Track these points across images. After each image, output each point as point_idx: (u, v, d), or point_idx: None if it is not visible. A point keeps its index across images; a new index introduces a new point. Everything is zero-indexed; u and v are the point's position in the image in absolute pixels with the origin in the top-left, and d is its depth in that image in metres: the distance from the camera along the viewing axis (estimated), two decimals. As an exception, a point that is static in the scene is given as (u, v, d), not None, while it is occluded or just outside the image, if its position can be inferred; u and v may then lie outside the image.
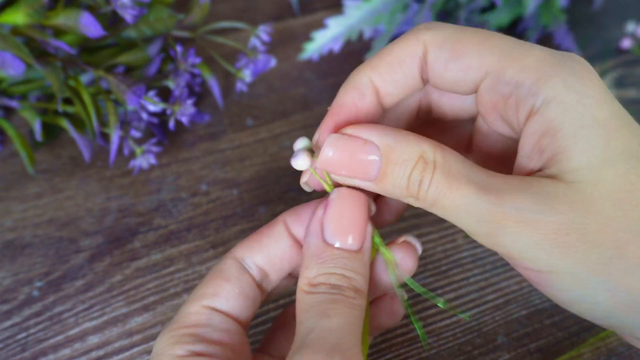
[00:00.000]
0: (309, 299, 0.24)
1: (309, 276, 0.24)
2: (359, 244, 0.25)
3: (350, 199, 0.25)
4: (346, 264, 0.24)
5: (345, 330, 0.23)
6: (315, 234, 0.25)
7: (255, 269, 0.27)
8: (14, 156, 0.43)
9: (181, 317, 0.26)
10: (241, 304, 0.26)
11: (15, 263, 0.38)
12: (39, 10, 0.36)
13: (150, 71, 0.42)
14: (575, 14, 0.53)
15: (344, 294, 0.24)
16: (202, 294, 0.26)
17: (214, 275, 0.26)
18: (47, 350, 0.34)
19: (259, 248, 0.27)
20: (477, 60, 0.24)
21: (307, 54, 0.48)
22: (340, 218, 0.25)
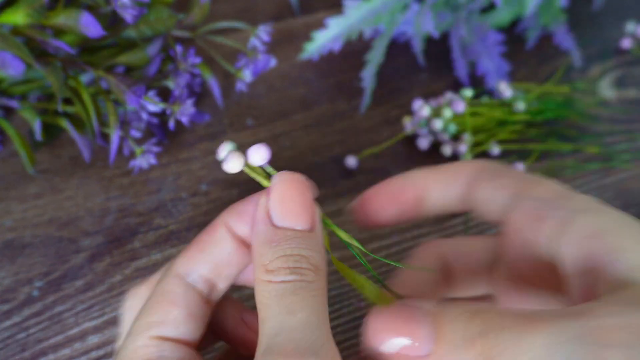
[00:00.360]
0: (269, 290, 0.22)
1: (265, 262, 0.22)
2: (310, 223, 0.23)
3: (292, 180, 0.24)
4: (301, 243, 0.23)
5: (314, 325, 0.21)
6: (263, 221, 0.23)
7: (202, 282, 0.25)
8: (14, 156, 0.43)
9: (129, 353, 0.23)
10: (191, 326, 0.24)
11: (15, 263, 0.38)
12: (39, 10, 0.36)
13: (150, 71, 0.42)
14: (575, 14, 0.53)
15: (305, 278, 0.22)
16: (148, 323, 0.24)
17: (157, 300, 0.24)
18: (47, 350, 0.34)
19: (202, 258, 0.25)
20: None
21: (307, 54, 0.48)
22: (287, 200, 0.23)
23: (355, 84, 0.48)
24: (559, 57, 0.50)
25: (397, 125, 0.45)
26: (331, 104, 0.46)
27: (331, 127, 0.45)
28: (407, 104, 0.46)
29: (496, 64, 0.47)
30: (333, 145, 0.44)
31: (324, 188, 0.41)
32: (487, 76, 0.46)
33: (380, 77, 0.48)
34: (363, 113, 0.46)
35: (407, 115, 0.45)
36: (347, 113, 0.46)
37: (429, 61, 0.49)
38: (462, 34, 0.47)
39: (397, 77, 0.48)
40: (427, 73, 0.49)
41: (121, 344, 0.24)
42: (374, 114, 0.46)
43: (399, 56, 0.50)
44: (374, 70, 0.46)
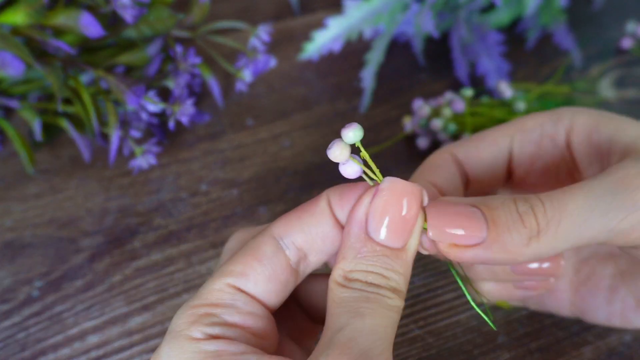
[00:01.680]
0: (341, 292, 0.22)
1: (345, 268, 0.22)
2: (403, 242, 0.23)
3: (402, 190, 0.23)
4: (386, 263, 0.22)
5: (378, 333, 0.21)
6: (357, 224, 0.23)
7: (293, 249, 0.24)
8: (14, 156, 0.43)
9: (203, 293, 0.23)
10: (271, 289, 0.24)
11: (15, 263, 0.38)
12: (39, 10, 0.36)
13: (150, 71, 0.42)
14: (575, 14, 0.53)
15: (380, 293, 0.22)
16: (229, 271, 0.23)
17: (245, 252, 0.24)
18: (46, 350, 0.34)
19: (300, 226, 0.24)
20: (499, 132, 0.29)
21: (307, 54, 0.48)
22: (387, 214, 0.22)
23: (355, 84, 0.48)
24: (559, 57, 0.50)
25: (397, 125, 0.45)
26: (331, 104, 0.46)
27: (331, 127, 0.45)
28: (407, 104, 0.46)
29: (496, 64, 0.47)
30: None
31: (324, 188, 0.41)
32: (487, 76, 0.46)
33: (380, 77, 0.48)
34: (363, 113, 0.46)
35: (407, 115, 0.45)
36: (347, 113, 0.46)
37: (429, 61, 0.49)
38: (462, 34, 0.47)
39: (397, 77, 0.48)
40: (427, 73, 0.49)
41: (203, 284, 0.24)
42: (374, 114, 0.46)
43: (399, 56, 0.50)
44: (374, 70, 0.46)
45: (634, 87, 0.48)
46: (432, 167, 0.28)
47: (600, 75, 0.49)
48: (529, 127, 0.28)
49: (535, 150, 0.28)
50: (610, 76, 0.49)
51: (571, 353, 0.34)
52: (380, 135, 0.44)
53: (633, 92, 0.48)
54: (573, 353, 0.34)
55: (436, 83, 0.48)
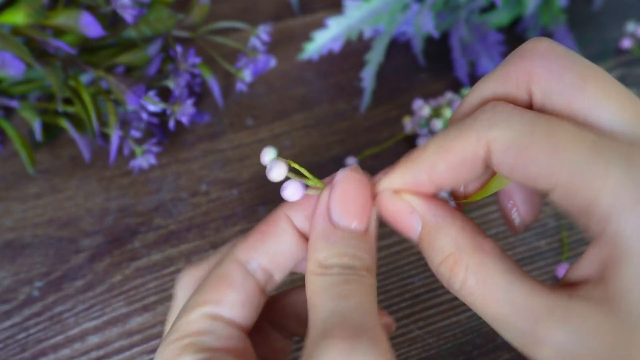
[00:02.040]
0: (321, 281, 0.23)
1: (319, 257, 0.24)
2: (365, 225, 0.24)
3: (355, 180, 0.25)
4: (356, 245, 0.24)
5: (365, 309, 0.22)
6: (322, 216, 0.24)
7: (260, 272, 0.25)
8: (14, 156, 0.43)
9: (181, 326, 0.24)
10: (245, 312, 0.25)
11: (15, 263, 0.38)
12: (39, 10, 0.36)
13: (150, 71, 0.42)
14: (575, 14, 0.53)
15: (357, 273, 0.23)
16: (203, 301, 0.24)
17: (216, 280, 0.25)
18: (47, 350, 0.34)
19: (264, 249, 0.25)
20: (546, 172, 0.21)
21: (307, 54, 0.48)
22: (347, 200, 0.24)
23: (355, 84, 0.48)
24: (559, 57, 0.50)
25: (397, 125, 0.45)
26: (331, 104, 0.46)
27: (331, 127, 0.45)
28: (407, 104, 0.46)
29: (496, 64, 0.47)
30: (333, 145, 0.44)
31: (324, 188, 0.41)
32: (487, 76, 0.46)
33: (380, 77, 0.48)
34: (363, 113, 0.46)
35: (407, 115, 0.45)
36: (347, 113, 0.46)
37: (429, 61, 0.49)
38: (462, 34, 0.47)
39: (397, 77, 0.48)
40: (427, 73, 0.49)
41: (176, 318, 0.25)
42: (374, 114, 0.46)
43: (399, 56, 0.50)
44: (374, 70, 0.46)
45: (634, 87, 0.48)
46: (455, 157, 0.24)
47: (600, 75, 0.49)
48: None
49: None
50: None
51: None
52: (380, 135, 0.44)
53: (633, 92, 0.48)
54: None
55: (436, 83, 0.48)
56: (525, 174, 0.22)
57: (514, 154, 0.21)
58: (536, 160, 0.21)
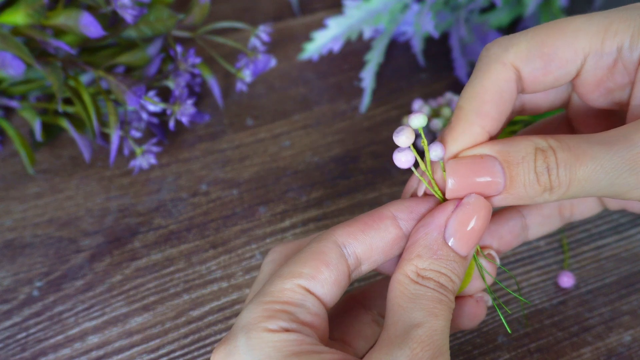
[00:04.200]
0: (414, 288, 0.24)
1: (419, 266, 0.25)
2: (468, 251, 0.25)
3: (482, 208, 0.25)
4: (454, 268, 0.25)
5: (446, 334, 0.24)
6: (438, 229, 0.25)
7: (354, 258, 0.26)
8: (14, 156, 0.43)
9: (275, 291, 0.24)
10: (333, 292, 0.25)
11: (15, 263, 0.38)
12: (39, 10, 0.36)
13: (150, 71, 0.42)
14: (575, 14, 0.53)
15: (448, 296, 0.25)
16: (299, 273, 0.25)
17: (313, 256, 0.25)
18: (47, 350, 0.34)
19: (363, 239, 0.26)
20: (571, 50, 0.25)
21: (307, 54, 0.48)
22: (467, 224, 0.25)
23: (355, 84, 0.48)
24: (559, 57, 0.50)
25: (397, 125, 0.45)
26: (331, 104, 0.46)
27: (331, 127, 0.45)
28: (407, 104, 0.46)
29: (496, 64, 0.47)
30: (333, 145, 0.44)
31: (323, 188, 0.41)
32: (487, 76, 0.46)
33: (380, 77, 0.48)
34: (363, 113, 0.46)
35: (407, 115, 0.45)
36: (347, 113, 0.46)
37: (429, 61, 0.49)
38: (462, 34, 0.47)
39: (397, 77, 0.48)
40: (427, 73, 0.49)
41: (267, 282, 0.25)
42: (374, 114, 0.46)
43: (399, 56, 0.50)
44: (374, 70, 0.46)
45: (633, 87, 0.48)
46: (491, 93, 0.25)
47: (600, 75, 0.49)
48: (606, 50, 0.25)
49: (605, 76, 0.26)
50: (610, 76, 0.49)
51: (570, 354, 0.34)
52: (381, 135, 0.44)
53: (633, 92, 0.48)
54: (572, 354, 0.34)
55: (436, 83, 0.48)
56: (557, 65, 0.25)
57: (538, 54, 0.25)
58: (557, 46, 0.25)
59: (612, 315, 0.35)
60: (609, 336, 0.35)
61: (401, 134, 0.25)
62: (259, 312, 0.24)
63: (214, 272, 0.37)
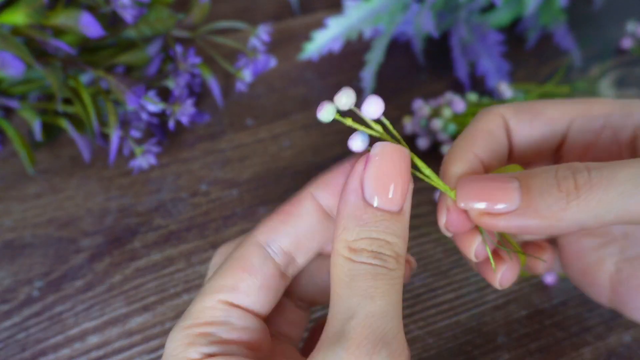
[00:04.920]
0: (348, 267, 0.22)
1: (348, 239, 0.22)
2: (400, 205, 0.22)
3: (393, 153, 0.22)
4: (388, 227, 0.22)
5: (389, 315, 0.21)
6: (354, 192, 0.22)
7: (281, 254, 0.24)
8: (14, 156, 0.43)
9: (195, 312, 0.23)
10: (262, 298, 0.23)
11: (15, 263, 0.38)
12: (39, 10, 0.36)
13: (150, 71, 0.42)
14: (575, 14, 0.53)
15: (386, 265, 0.22)
16: (219, 287, 0.23)
17: (233, 265, 0.23)
18: (47, 350, 0.34)
19: (285, 230, 0.24)
20: (558, 111, 0.26)
21: (307, 54, 0.48)
22: (384, 177, 0.22)
23: (355, 84, 0.48)
24: (559, 57, 0.50)
25: (397, 125, 0.45)
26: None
27: (331, 127, 0.45)
28: (407, 104, 0.46)
29: (496, 64, 0.47)
30: (333, 145, 0.44)
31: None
32: (487, 76, 0.46)
33: (380, 77, 0.48)
34: (363, 113, 0.46)
35: (407, 116, 0.45)
36: (347, 113, 0.46)
37: (429, 61, 0.49)
38: (462, 34, 0.47)
39: (397, 77, 0.48)
40: (427, 73, 0.49)
41: (191, 302, 0.24)
42: (374, 114, 0.46)
43: (399, 56, 0.50)
44: (374, 70, 0.46)
45: (634, 87, 0.48)
46: (482, 132, 0.26)
47: (600, 75, 0.49)
48: (594, 115, 0.25)
49: (593, 140, 0.26)
50: (610, 76, 0.49)
51: (571, 354, 0.34)
52: (380, 135, 0.44)
53: (633, 92, 0.48)
54: (573, 354, 0.34)
55: (436, 83, 0.48)
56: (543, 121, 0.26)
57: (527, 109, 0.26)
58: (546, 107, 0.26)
59: (612, 315, 0.35)
60: (609, 336, 0.35)
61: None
62: (180, 339, 0.22)
63: (214, 272, 0.37)
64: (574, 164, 0.22)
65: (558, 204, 0.21)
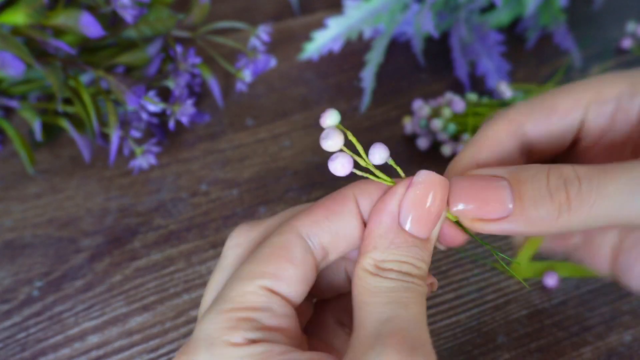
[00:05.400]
0: (376, 282, 0.22)
1: (377, 258, 0.23)
2: (429, 233, 0.23)
3: (437, 185, 0.23)
4: (417, 253, 0.23)
5: (422, 322, 0.22)
6: (390, 214, 0.23)
7: (320, 248, 0.24)
8: (14, 156, 0.43)
9: (236, 297, 0.22)
10: (300, 289, 0.23)
11: (15, 263, 0.38)
12: (39, 10, 0.36)
13: (150, 71, 0.42)
14: (575, 14, 0.53)
15: (415, 282, 0.23)
16: (261, 273, 0.23)
17: (275, 252, 0.23)
18: (46, 350, 0.34)
19: (327, 226, 0.24)
20: (571, 100, 0.25)
21: (307, 54, 0.48)
22: (422, 207, 0.23)
23: (355, 84, 0.48)
24: (559, 57, 0.50)
25: (397, 125, 0.45)
26: (331, 104, 0.46)
27: (331, 127, 0.45)
28: (407, 104, 0.46)
29: (496, 64, 0.47)
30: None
31: (323, 188, 0.41)
32: (487, 76, 0.46)
33: (380, 77, 0.48)
34: (363, 113, 0.46)
35: (407, 116, 0.45)
36: (347, 113, 0.46)
37: (429, 61, 0.49)
38: (462, 34, 0.47)
39: (397, 77, 0.48)
40: (427, 73, 0.49)
41: (227, 284, 0.23)
42: (374, 114, 0.46)
43: (399, 56, 0.50)
44: (374, 70, 0.46)
45: (634, 87, 0.48)
46: (489, 139, 0.26)
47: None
48: (606, 98, 0.26)
49: (608, 124, 0.26)
50: (610, 76, 0.49)
51: (571, 353, 0.34)
52: (381, 135, 0.44)
53: (633, 92, 0.48)
54: (573, 353, 0.34)
55: (436, 83, 0.48)
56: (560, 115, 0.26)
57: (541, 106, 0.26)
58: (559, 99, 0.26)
59: (612, 314, 0.35)
60: (609, 336, 0.35)
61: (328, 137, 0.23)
62: (220, 322, 0.22)
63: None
64: (565, 171, 0.22)
65: (550, 214, 0.22)
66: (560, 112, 0.26)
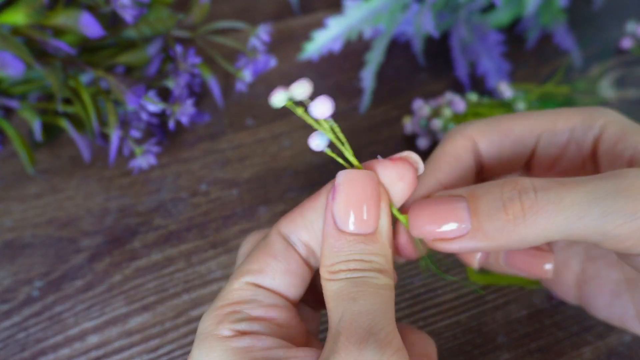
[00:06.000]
0: (332, 286, 0.23)
1: (327, 264, 0.23)
2: (373, 226, 0.23)
3: (356, 180, 0.23)
4: (363, 249, 0.23)
5: (375, 312, 0.22)
6: (328, 222, 0.24)
7: (301, 245, 0.25)
8: (14, 156, 0.43)
9: (225, 294, 0.24)
10: (288, 282, 0.25)
11: (15, 263, 0.38)
12: (39, 10, 0.36)
13: (150, 71, 0.42)
14: (575, 14, 0.53)
15: (366, 275, 0.23)
16: (246, 270, 0.24)
17: (258, 251, 0.25)
18: (46, 350, 0.34)
19: (303, 223, 0.25)
20: (526, 127, 0.27)
21: (307, 54, 0.48)
22: (349, 203, 0.23)
23: (355, 84, 0.48)
24: (559, 57, 0.50)
25: (397, 125, 0.45)
26: (331, 104, 0.46)
27: (331, 127, 0.45)
28: (407, 104, 0.46)
29: (496, 64, 0.47)
30: (333, 145, 0.44)
31: (324, 188, 0.41)
32: (487, 76, 0.46)
33: (380, 77, 0.48)
34: (363, 113, 0.46)
35: (407, 116, 0.45)
36: (347, 113, 0.46)
37: (429, 61, 0.49)
38: (462, 34, 0.47)
39: (397, 77, 0.48)
40: (427, 73, 0.49)
41: (222, 288, 0.25)
42: (374, 114, 0.46)
43: (399, 56, 0.50)
44: (374, 70, 0.46)
45: (634, 87, 0.48)
46: (447, 156, 0.27)
47: (600, 75, 0.49)
48: (559, 129, 0.27)
49: (559, 154, 0.27)
50: (610, 76, 0.49)
51: (571, 353, 0.34)
52: (381, 135, 0.44)
53: (633, 92, 0.48)
54: (573, 353, 0.34)
55: (436, 83, 0.48)
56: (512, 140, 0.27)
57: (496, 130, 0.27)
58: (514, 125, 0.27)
59: (612, 315, 0.35)
60: (609, 335, 0.35)
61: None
62: (210, 319, 0.24)
63: (213, 272, 0.37)
64: (520, 182, 0.22)
65: (505, 227, 0.22)
66: (513, 136, 0.27)
